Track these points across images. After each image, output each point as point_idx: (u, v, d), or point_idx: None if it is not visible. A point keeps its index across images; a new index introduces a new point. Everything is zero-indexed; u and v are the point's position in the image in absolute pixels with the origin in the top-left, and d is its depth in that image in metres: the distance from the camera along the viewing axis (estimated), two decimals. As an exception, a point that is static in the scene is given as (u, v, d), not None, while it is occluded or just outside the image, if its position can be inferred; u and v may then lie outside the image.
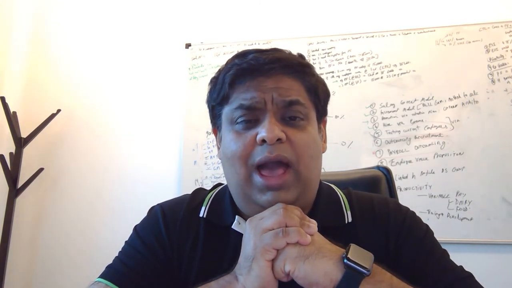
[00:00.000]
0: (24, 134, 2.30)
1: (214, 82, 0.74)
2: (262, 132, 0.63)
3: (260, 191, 0.64)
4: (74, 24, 2.58)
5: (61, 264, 2.29)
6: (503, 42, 2.11)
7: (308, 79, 0.70)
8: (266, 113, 0.65)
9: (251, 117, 0.66)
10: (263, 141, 0.63)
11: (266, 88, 0.66)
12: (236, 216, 0.69)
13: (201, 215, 0.73)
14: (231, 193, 0.72)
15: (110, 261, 0.73)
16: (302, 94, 0.68)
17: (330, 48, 2.27)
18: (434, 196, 2.02)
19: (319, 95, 0.72)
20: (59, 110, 2.38)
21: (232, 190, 0.70)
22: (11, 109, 2.29)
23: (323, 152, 0.73)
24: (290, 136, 0.64)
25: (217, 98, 0.71)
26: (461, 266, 0.68)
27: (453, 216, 1.98)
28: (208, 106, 0.77)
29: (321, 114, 0.74)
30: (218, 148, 0.76)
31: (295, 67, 0.69)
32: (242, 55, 0.70)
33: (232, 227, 0.68)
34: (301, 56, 0.73)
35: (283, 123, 0.65)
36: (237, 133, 0.67)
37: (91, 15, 2.58)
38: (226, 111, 0.69)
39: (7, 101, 2.27)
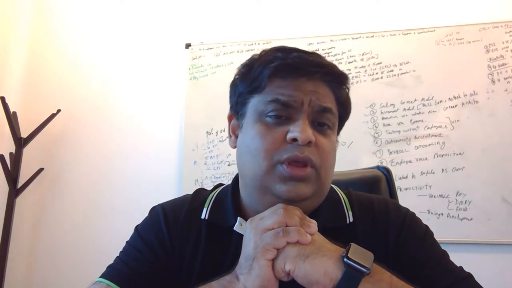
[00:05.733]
0: (24, 134, 2.30)
1: (248, 68, 0.72)
2: (295, 131, 0.63)
3: (282, 180, 0.64)
4: (74, 24, 2.58)
5: (61, 264, 2.29)
6: (503, 42, 2.11)
7: (343, 91, 0.72)
8: (300, 113, 0.65)
9: (284, 114, 0.66)
10: (294, 140, 0.64)
11: (306, 90, 0.66)
12: (238, 218, 0.68)
13: (202, 216, 0.73)
14: (243, 184, 0.72)
15: (110, 261, 0.73)
16: (334, 104, 0.70)
17: (330, 48, 2.27)
18: (434, 196, 2.02)
19: (347, 109, 0.74)
20: (59, 110, 2.38)
21: (248, 180, 0.69)
22: (11, 109, 2.29)
23: None
24: (317, 141, 0.65)
25: (249, 86, 0.70)
26: (461, 267, 0.68)
27: (453, 216, 1.99)
28: (233, 91, 0.74)
29: (341, 127, 0.76)
30: (230, 136, 0.76)
31: (336, 77, 0.70)
32: (284, 50, 0.70)
33: (234, 228, 0.67)
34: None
35: (312, 127, 0.66)
36: (266, 126, 0.66)
37: (91, 16, 2.58)
38: (256, 102, 0.69)
39: (7, 101, 2.27)
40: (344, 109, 0.73)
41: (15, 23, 2.57)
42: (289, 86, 0.66)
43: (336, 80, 0.70)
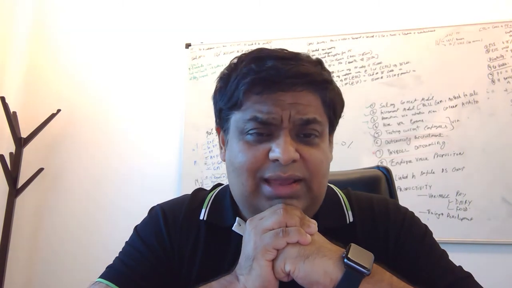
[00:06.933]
0: (24, 134, 2.30)
1: (225, 82, 0.68)
2: (276, 151, 0.61)
3: (268, 199, 0.63)
4: (74, 24, 2.58)
5: (61, 264, 2.28)
6: (503, 42, 2.11)
7: (328, 94, 0.67)
8: (281, 130, 0.62)
9: (264, 131, 0.63)
10: (277, 160, 0.61)
11: (285, 104, 0.62)
12: (237, 218, 0.69)
13: (201, 217, 0.73)
14: (235, 201, 0.71)
15: (110, 261, 0.73)
16: (319, 111, 0.66)
17: (330, 48, 2.27)
18: (434, 196, 2.02)
19: (336, 110, 0.70)
20: (59, 110, 2.38)
21: (237, 198, 0.69)
22: (11, 109, 2.28)
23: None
24: (304, 155, 0.63)
25: (228, 103, 0.66)
26: (460, 266, 0.68)
27: (453, 216, 1.99)
28: (215, 105, 0.72)
29: (333, 127, 0.72)
30: (221, 148, 0.74)
31: (318, 84, 0.66)
32: (260, 60, 0.65)
33: (233, 229, 0.68)
34: (320, 62, 0.70)
35: (297, 140, 0.63)
36: (248, 144, 0.64)
37: (92, 16, 2.57)
38: (237, 119, 0.66)
39: (7, 101, 2.27)
40: (333, 112, 0.69)
41: (15, 23, 2.57)
42: (266, 101, 0.62)
43: (319, 87, 0.66)
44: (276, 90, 0.63)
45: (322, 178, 0.66)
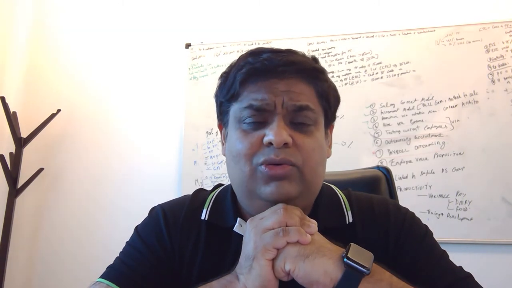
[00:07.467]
0: (24, 134, 2.30)
1: (225, 77, 0.72)
2: (269, 135, 0.63)
3: (264, 182, 0.64)
4: (74, 24, 2.58)
5: (61, 264, 2.29)
6: (503, 42, 2.11)
7: (321, 84, 0.70)
8: (275, 116, 0.65)
9: (260, 119, 0.66)
10: (270, 143, 0.63)
11: (278, 91, 0.65)
12: (238, 219, 0.69)
13: (202, 217, 0.73)
14: (234, 190, 0.72)
15: (111, 261, 0.73)
16: (312, 100, 0.68)
17: (330, 48, 2.27)
18: (434, 196, 2.02)
19: (330, 101, 0.72)
20: (59, 110, 2.38)
21: (236, 187, 0.70)
22: (11, 109, 2.29)
23: (328, 157, 0.73)
24: (297, 141, 0.64)
25: (227, 95, 0.70)
26: (460, 267, 0.68)
27: (453, 216, 1.99)
28: (216, 101, 0.76)
29: (330, 120, 0.74)
30: (223, 144, 0.76)
31: (308, 72, 0.68)
32: (256, 53, 0.70)
33: (234, 229, 0.68)
34: (314, 59, 0.73)
35: (291, 127, 0.65)
36: (244, 132, 0.67)
37: (91, 16, 2.58)
38: (235, 109, 0.69)
39: (7, 101, 2.27)
40: (327, 102, 0.71)
41: (15, 23, 2.57)
42: (261, 89, 0.66)
43: (311, 75, 0.69)
44: (269, 78, 0.66)
45: (316, 166, 0.67)
